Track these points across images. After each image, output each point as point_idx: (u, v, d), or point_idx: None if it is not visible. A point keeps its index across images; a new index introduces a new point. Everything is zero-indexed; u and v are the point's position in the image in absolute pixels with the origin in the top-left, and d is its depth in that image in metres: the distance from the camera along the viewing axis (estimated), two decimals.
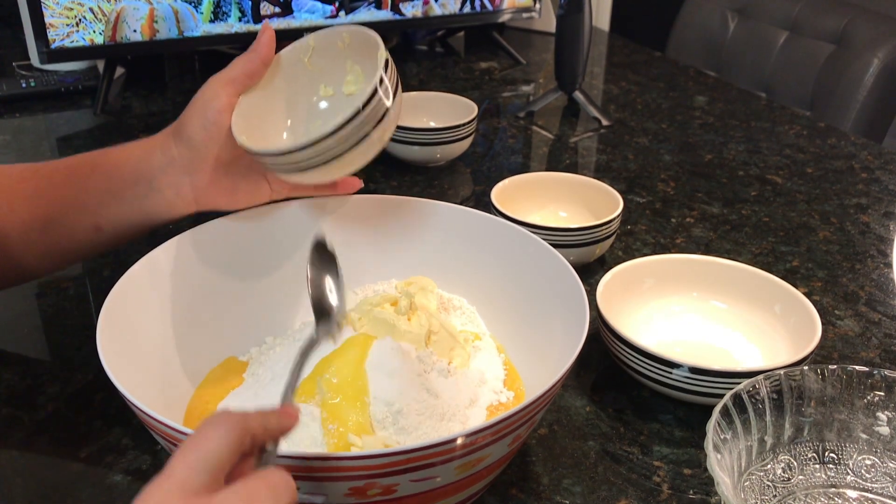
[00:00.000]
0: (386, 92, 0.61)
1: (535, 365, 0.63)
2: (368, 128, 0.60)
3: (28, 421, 0.64)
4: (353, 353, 0.59)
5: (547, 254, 0.64)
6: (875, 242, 0.93)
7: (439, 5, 1.43)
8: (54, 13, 1.15)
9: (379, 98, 0.60)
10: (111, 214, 0.64)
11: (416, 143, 1.05)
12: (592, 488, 0.59)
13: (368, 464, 0.44)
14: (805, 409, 0.57)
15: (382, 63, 0.61)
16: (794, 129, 1.24)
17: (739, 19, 1.72)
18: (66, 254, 0.66)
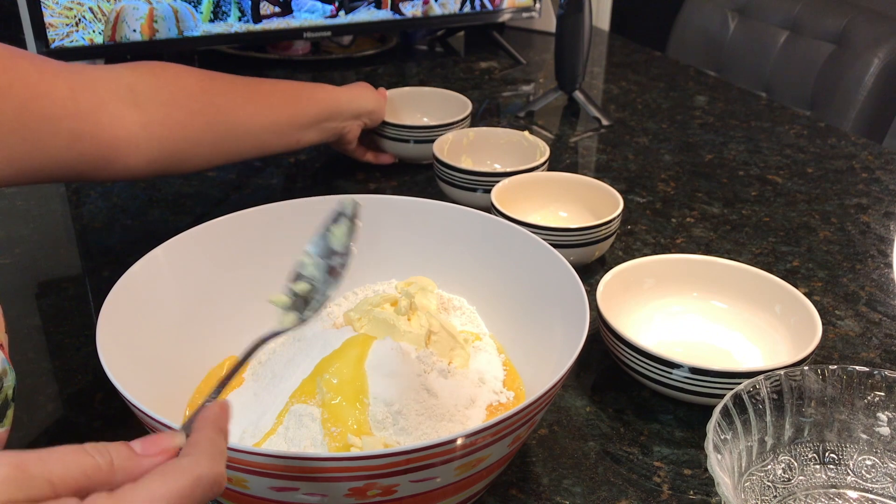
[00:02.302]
0: None
1: (535, 365, 0.63)
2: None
3: (28, 421, 0.64)
4: (353, 354, 0.59)
5: (547, 254, 0.64)
6: (875, 242, 0.93)
7: (439, 5, 1.43)
8: (54, 13, 1.15)
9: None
10: (310, 135, 0.93)
11: (410, 139, 1.05)
12: (592, 489, 0.59)
13: (368, 464, 0.44)
14: (805, 409, 0.57)
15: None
16: (795, 129, 1.24)
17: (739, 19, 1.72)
18: (271, 152, 0.91)
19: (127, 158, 0.74)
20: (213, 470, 0.36)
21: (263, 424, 0.57)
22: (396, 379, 0.58)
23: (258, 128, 0.85)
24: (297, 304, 0.51)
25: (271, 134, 0.87)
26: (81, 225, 0.97)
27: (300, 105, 0.90)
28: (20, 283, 0.84)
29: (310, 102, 0.91)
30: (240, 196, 1.02)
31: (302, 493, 0.46)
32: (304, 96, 0.91)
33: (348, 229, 0.53)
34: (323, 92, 0.94)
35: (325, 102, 0.93)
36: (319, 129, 0.93)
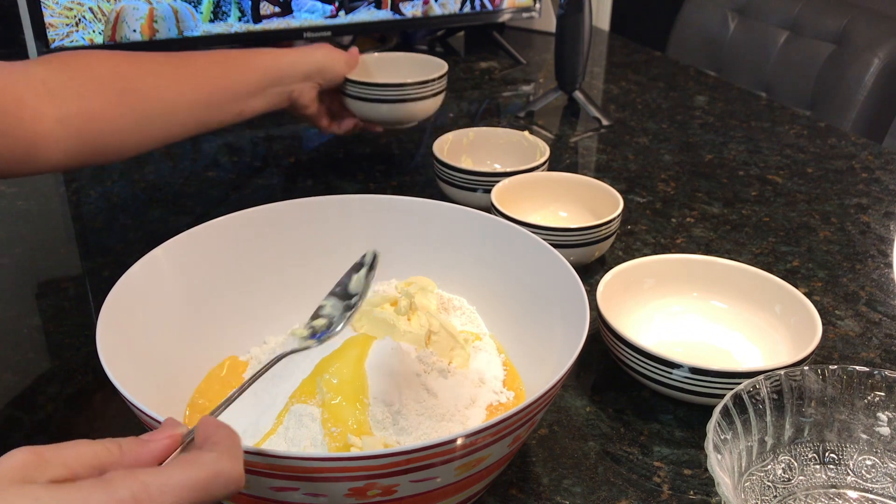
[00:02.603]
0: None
1: (535, 365, 0.63)
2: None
3: (28, 421, 0.64)
4: (353, 354, 0.59)
5: (547, 254, 0.64)
6: (875, 242, 0.93)
7: (439, 5, 1.43)
8: (54, 13, 1.15)
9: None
10: (254, 104, 0.88)
11: (383, 100, 0.99)
12: (592, 489, 0.59)
13: (368, 464, 0.44)
14: (805, 409, 0.57)
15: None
16: (795, 129, 1.24)
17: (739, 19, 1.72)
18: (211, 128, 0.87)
19: (47, 153, 0.73)
20: (234, 468, 0.37)
21: (263, 424, 0.57)
22: (396, 379, 0.58)
23: (189, 105, 0.82)
24: (314, 332, 0.57)
25: (206, 109, 0.83)
26: (81, 225, 0.97)
27: (237, 74, 0.86)
28: (20, 283, 0.84)
29: (248, 70, 0.87)
30: (240, 196, 1.02)
31: (302, 493, 0.46)
32: (241, 64, 0.87)
33: (366, 275, 0.59)
34: (264, 57, 0.89)
35: (266, 68, 0.88)
36: (265, 96, 0.89)
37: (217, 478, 0.36)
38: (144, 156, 1.12)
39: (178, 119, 0.81)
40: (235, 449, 0.38)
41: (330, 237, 0.71)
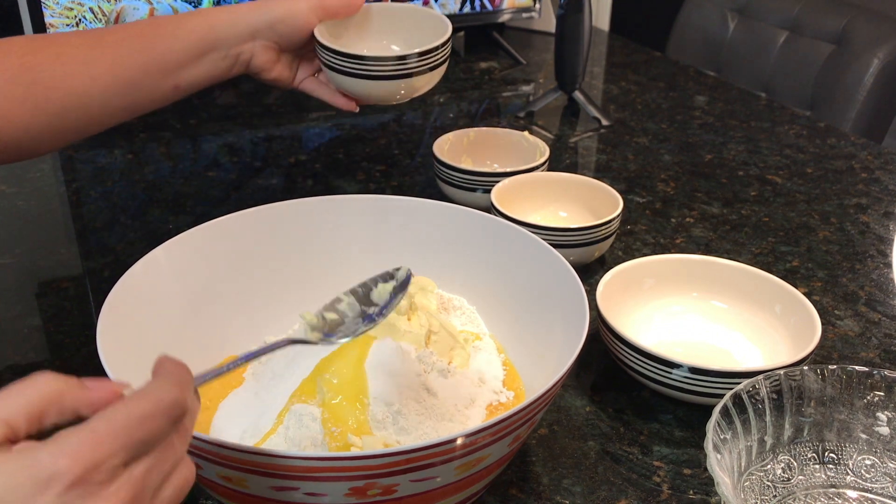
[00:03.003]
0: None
1: (535, 365, 0.63)
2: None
3: None
4: (353, 353, 0.59)
5: (547, 254, 0.64)
6: (875, 242, 0.93)
7: (439, 5, 1.43)
8: (54, 13, 1.15)
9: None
10: (189, 75, 0.75)
11: (360, 74, 0.79)
12: (592, 488, 0.59)
13: (368, 464, 0.44)
14: (805, 409, 0.57)
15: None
16: (794, 129, 1.24)
17: (739, 19, 1.72)
18: (144, 110, 0.76)
19: None
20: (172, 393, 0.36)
21: (263, 424, 0.57)
22: (396, 379, 0.58)
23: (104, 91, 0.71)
24: (323, 327, 0.54)
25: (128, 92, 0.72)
26: (81, 225, 0.97)
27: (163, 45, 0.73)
28: (20, 283, 0.84)
29: (175, 38, 0.73)
30: (240, 196, 1.02)
31: (302, 493, 0.46)
32: (167, 32, 0.74)
33: (394, 291, 0.56)
34: (196, 19, 0.75)
35: (198, 32, 0.74)
36: (202, 65, 0.75)
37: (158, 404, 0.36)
38: (144, 156, 1.12)
39: (94, 109, 0.71)
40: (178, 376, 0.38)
41: (330, 237, 0.71)
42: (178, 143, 1.17)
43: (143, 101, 0.74)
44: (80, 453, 0.33)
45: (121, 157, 1.12)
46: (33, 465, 0.33)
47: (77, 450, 0.33)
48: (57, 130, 0.71)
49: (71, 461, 0.33)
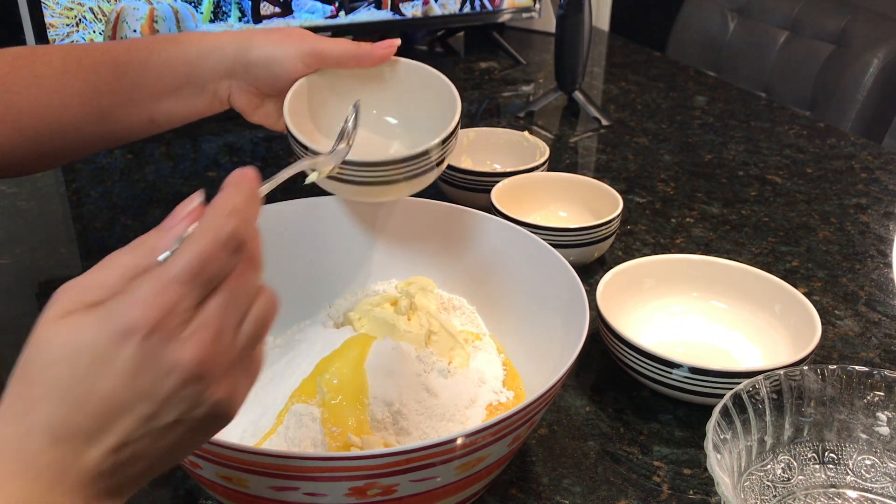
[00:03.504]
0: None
1: (535, 365, 0.63)
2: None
3: None
4: (353, 354, 0.59)
5: (547, 254, 0.64)
6: (875, 242, 0.93)
7: (439, 5, 1.43)
8: (54, 13, 1.15)
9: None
10: (164, 109, 0.68)
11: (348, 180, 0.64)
12: (592, 488, 0.59)
13: (368, 464, 0.45)
14: (805, 409, 0.57)
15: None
16: (794, 129, 1.24)
17: (739, 19, 1.72)
18: (123, 140, 0.70)
19: None
20: (228, 226, 0.37)
21: (263, 424, 0.57)
22: (396, 379, 0.58)
23: (76, 120, 0.66)
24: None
25: (101, 121, 0.66)
26: (81, 225, 0.97)
27: (132, 75, 0.66)
28: (20, 283, 0.84)
29: (145, 68, 0.66)
30: None
31: (302, 493, 0.46)
32: (137, 62, 0.66)
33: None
34: (169, 48, 0.66)
35: (171, 63, 0.66)
36: (177, 99, 0.67)
37: (215, 240, 0.36)
38: (145, 156, 1.12)
39: (68, 136, 0.66)
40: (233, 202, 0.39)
41: (330, 237, 0.71)
42: (178, 143, 1.17)
43: (118, 132, 0.69)
44: (150, 301, 0.34)
45: (121, 157, 1.12)
46: (109, 319, 0.34)
47: (146, 298, 0.34)
48: (36, 154, 0.67)
49: (143, 310, 0.34)
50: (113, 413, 0.34)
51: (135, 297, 0.34)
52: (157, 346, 0.34)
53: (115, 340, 0.34)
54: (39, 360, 0.34)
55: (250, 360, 0.39)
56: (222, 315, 0.36)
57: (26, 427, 0.34)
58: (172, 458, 0.38)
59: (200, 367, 0.35)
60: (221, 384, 0.36)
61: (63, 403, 0.34)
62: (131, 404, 0.35)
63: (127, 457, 0.35)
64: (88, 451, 0.34)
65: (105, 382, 0.34)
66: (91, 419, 0.34)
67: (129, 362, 0.34)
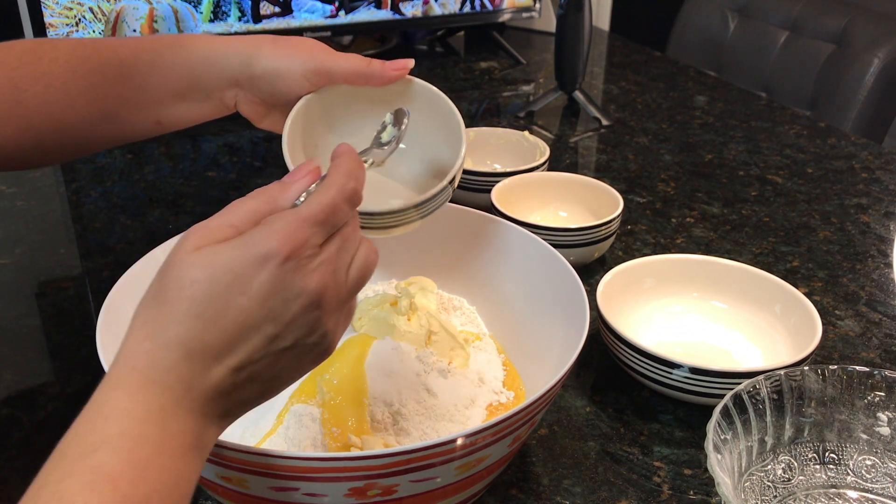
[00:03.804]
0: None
1: (535, 365, 0.63)
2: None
3: (28, 421, 0.64)
4: (353, 354, 0.59)
5: (547, 254, 0.64)
6: (875, 242, 0.93)
7: (439, 5, 1.43)
8: (54, 13, 1.15)
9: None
10: (171, 113, 0.67)
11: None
12: (592, 489, 0.59)
13: (368, 464, 0.44)
14: (805, 409, 0.57)
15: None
16: (794, 129, 1.24)
17: (739, 19, 1.72)
18: (128, 140, 0.70)
19: None
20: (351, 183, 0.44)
21: (263, 424, 0.57)
22: (396, 379, 0.58)
23: (81, 121, 0.65)
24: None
25: (106, 122, 0.66)
26: (81, 225, 0.97)
27: (138, 79, 0.65)
28: (20, 283, 0.84)
29: (151, 73, 0.65)
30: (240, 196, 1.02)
31: (302, 493, 0.46)
32: (143, 65, 0.65)
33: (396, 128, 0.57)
34: (175, 53, 0.65)
35: (176, 69, 0.65)
36: (183, 104, 0.66)
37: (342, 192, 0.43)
38: (144, 156, 1.12)
39: (74, 136, 0.66)
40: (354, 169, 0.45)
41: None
42: (178, 143, 1.17)
43: (124, 133, 0.68)
44: (288, 233, 0.40)
45: (120, 157, 1.12)
46: (248, 246, 0.39)
47: (285, 231, 0.40)
48: (41, 150, 0.67)
49: (282, 239, 0.39)
50: (243, 331, 0.39)
51: (273, 229, 0.40)
52: (290, 273, 0.40)
53: (254, 264, 0.39)
54: (177, 281, 0.39)
55: (350, 305, 0.44)
56: (338, 256, 0.42)
57: (162, 342, 0.38)
58: (279, 384, 0.42)
59: (321, 296, 0.41)
60: (332, 317, 0.42)
61: (199, 319, 0.38)
62: (259, 324, 0.39)
63: (245, 377, 0.40)
64: (215, 368, 0.39)
65: (240, 301, 0.39)
66: (222, 336, 0.39)
67: (265, 284, 0.39)
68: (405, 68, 0.62)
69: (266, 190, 0.43)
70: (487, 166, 1.01)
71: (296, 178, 0.44)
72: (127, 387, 0.37)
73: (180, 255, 0.40)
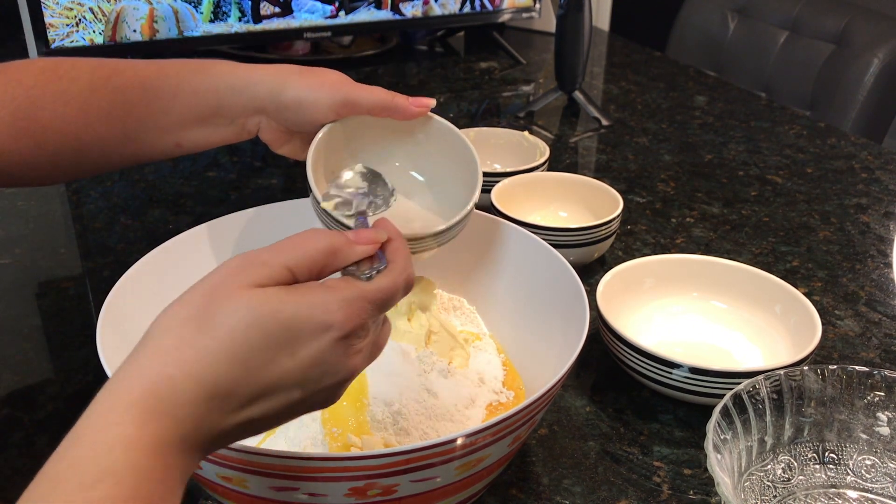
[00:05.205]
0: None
1: (535, 365, 0.63)
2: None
3: (28, 421, 0.64)
4: None
5: (547, 254, 0.64)
6: (875, 242, 0.93)
7: (439, 5, 1.43)
8: (54, 13, 1.15)
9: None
10: (191, 136, 0.66)
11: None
12: (592, 488, 0.59)
13: (368, 464, 0.44)
14: (805, 409, 0.57)
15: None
16: (794, 129, 1.24)
17: (739, 19, 1.72)
18: (146, 161, 0.70)
19: None
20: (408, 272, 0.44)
21: None
22: (396, 379, 0.58)
23: (99, 141, 0.66)
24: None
25: (123, 144, 0.66)
26: (81, 225, 0.97)
27: (161, 103, 0.65)
28: (20, 283, 0.84)
29: (174, 97, 0.65)
30: (240, 196, 1.02)
31: (302, 493, 0.46)
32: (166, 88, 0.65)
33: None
34: (201, 78, 0.66)
35: (200, 94, 0.65)
36: (205, 129, 0.66)
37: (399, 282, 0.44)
38: None
39: (90, 155, 0.66)
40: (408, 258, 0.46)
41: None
42: None
43: (142, 154, 0.68)
44: (355, 310, 0.40)
45: None
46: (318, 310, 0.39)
47: (353, 307, 0.40)
48: (56, 167, 0.67)
49: (347, 315, 0.39)
50: (274, 390, 0.38)
51: (341, 299, 0.40)
52: (341, 349, 0.40)
53: (313, 330, 0.38)
54: (229, 318, 0.37)
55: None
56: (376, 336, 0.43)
57: (191, 375, 0.36)
58: (267, 428, 0.41)
59: (354, 374, 0.41)
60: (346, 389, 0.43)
61: (239, 366, 0.37)
62: (290, 387, 0.39)
63: (251, 427, 0.39)
64: (232, 416, 0.37)
65: (285, 361, 0.38)
66: (254, 390, 0.38)
67: (314, 353, 0.39)
68: (428, 106, 0.64)
69: (327, 237, 0.42)
70: (487, 166, 1.01)
71: (360, 241, 0.44)
72: (137, 412, 0.35)
73: (236, 289, 0.38)
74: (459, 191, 0.63)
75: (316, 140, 0.62)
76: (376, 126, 0.65)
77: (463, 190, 0.63)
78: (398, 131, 0.66)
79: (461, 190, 0.63)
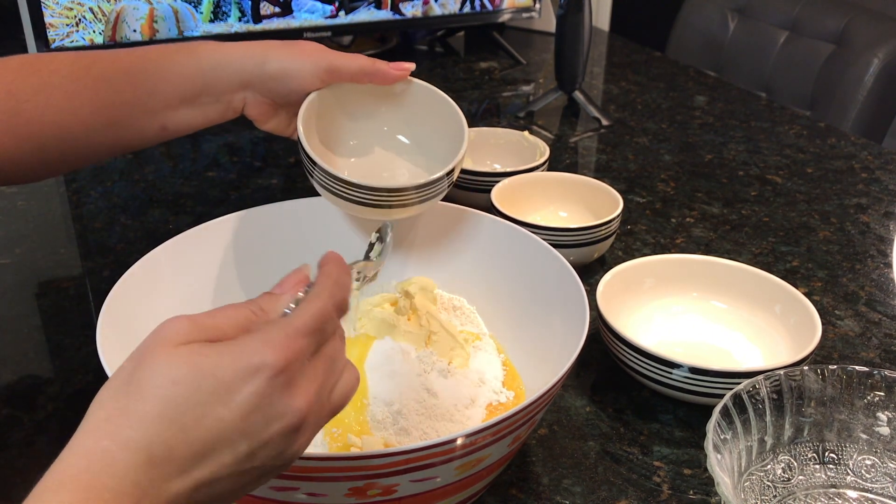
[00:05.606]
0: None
1: (535, 365, 0.63)
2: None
3: (28, 421, 0.64)
4: (353, 353, 0.59)
5: (547, 254, 0.64)
6: (875, 242, 0.93)
7: (439, 5, 1.43)
8: (54, 13, 1.15)
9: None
10: (177, 117, 0.67)
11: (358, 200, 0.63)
12: (592, 488, 0.59)
13: (368, 464, 0.44)
14: (805, 409, 0.57)
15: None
16: (794, 129, 1.24)
17: (739, 19, 1.72)
18: (132, 147, 0.70)
19: None
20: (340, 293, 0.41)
21: None
22: (396, 379, 0.58)
23: (86, 129, 0.66)
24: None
25: (110, 130, 0.66)
26: (81, 225, 0.97)
27: (147, 85, 0.66)
28: (20, 283, 0.84)
29: (160, 78, 0.65)
30: (240, 196, 1.02)
31: (302, 493, 0.46)
32: (151, 71, 0.66)
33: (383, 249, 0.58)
34: (185, 58, 0.66)
35: (186, 74, 0.66)
36: (191, 109, 0.67)
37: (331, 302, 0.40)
38: (144, 156, 1.12)
39: (76, 144, 0.66)
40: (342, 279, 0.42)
41: (330, 237, 0.71)
42: (178, 143, 1.17)
43: (128, 140, 0.68)
44: (282, 344, 0.37)
45: (121, 157, 1.12)
46: (239, 354, 0.36)
47: (279, 342, 0.37)
48: (41, 161, 0.67)
49: (276, 351, 0.36)
50: (215, 445, 0.35)
51: (266, 338, 0.37)
52: (279, 388, 0.36)
53: (243, 374, 0.36)
54: (154, 378, 0.35)
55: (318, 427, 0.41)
56: (326, 373, 0.39)
57: (123, 442, 0.34)
58: (233, 497, 0.38)
59: (303, 419, 0.37)
60: (306, 439, 0.39)
61: (172, 425, 0.35)
62: (234, 439, 0.36)
63: (204, 494, 0.36)
64: (177, 480, 0.35)
65: (220, 411, 0.35)
66: (193, 447, 0.35)
67: (251, 397, 0.36)
68: (407, 70, 0.66)
69: (256, 301, 0.41)
70: (487, 166, 1.01)
71: (285, 289, 0.42)
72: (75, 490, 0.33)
73: (160, 348, 0.36)
74: (447, 152, 0.65)
75: (306, 102, 0.64)
76: (362, 92, 0.68)
77: (451, 148, 0.65)
78: (382, 97, 0.68)
79: (449, 148, 0.65)
